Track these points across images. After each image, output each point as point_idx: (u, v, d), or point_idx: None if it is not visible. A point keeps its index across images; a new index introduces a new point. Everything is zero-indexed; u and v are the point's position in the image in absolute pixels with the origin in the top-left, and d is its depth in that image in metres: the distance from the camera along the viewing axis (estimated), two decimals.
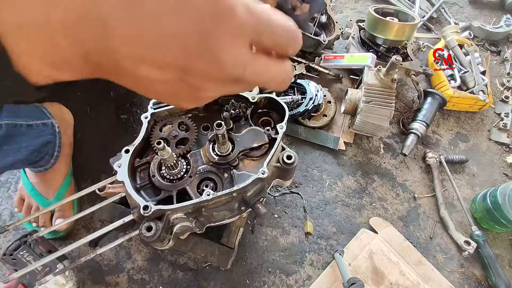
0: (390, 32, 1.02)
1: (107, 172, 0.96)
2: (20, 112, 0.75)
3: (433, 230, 0.93)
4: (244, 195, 0.61)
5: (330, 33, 1.16)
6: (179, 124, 0.70)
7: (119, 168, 0.60)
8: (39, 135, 0.78)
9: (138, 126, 1.03)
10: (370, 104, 0.91)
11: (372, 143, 1.07)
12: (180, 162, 0.64)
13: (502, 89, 1.20)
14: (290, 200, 0.95)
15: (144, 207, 0.55)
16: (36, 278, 0.65)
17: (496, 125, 1.13)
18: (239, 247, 0.85)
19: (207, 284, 0.83)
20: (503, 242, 0.94)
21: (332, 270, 0.84)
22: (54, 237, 0.85)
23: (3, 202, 0.93)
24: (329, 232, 0.91)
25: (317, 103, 0.99)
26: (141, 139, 0.65)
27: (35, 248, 0.65)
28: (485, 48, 1.31)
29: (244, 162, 0.66)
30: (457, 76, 1.12)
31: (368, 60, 0.98)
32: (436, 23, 1.38)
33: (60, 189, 0.86)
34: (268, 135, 0.67)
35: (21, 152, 0.72)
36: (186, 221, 0.61)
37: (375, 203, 0.96)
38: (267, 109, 0.75)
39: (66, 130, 0.90)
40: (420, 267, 0.86)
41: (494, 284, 0.84)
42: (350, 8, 1.42)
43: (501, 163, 1.07)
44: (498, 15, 1.42)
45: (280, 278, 0.85)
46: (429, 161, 1.01)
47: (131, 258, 0.86)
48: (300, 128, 1.04)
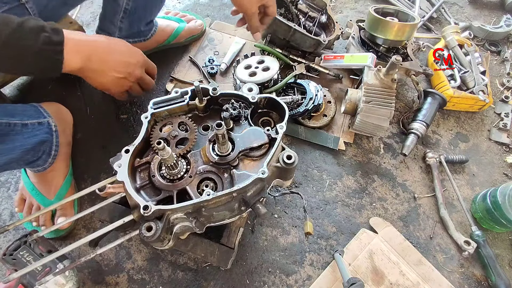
0: (390, 32, 1.02)
1: (107, 172, 0.96)
2: (15, 111, 0.74)
3: (433, 230, 0.93)
4: (244, 195, 0.61)
5: (330, 33, 1.16)
6: (179, 124, 0.70)
7: (119, 168, 0.60)
8: (35, 134, 0.77)
9: (138, 126, 1.04)
10: (370, 104, 0.91)
11: (372, 143, 1.07)
12: (180, 162, 0.64)
13: (502, 89, 1.20)
14: (290, 200, 0.95)
15: (144, 207, 0.55)
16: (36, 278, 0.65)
17: (496, 125, 1.13)
18: (239, 247, 0.85)
19: (207, 284, 0.83)
20: (503, 242, 0.94)
21: (332, 270, 0.84)
22: (54, 236, 0.85)
23: (3, 202, 0.93)
24: (329, 232, 0.91)
25: (317, 103, 0.99)
26: (141, 139, 0.65)
27: (35, 248, 0.65)
28: (485, 48, 1.31)
29: (244, 162, 0.66)
30: (457, 76, 1.12)
31: (368, 60, 0.98)
32: (436, 23, 1.38)
33: (61, 189, 0.86)
34: (268, 135, 0.67)
35: (15, 151, 0.72)
36: (186, 221, 0.61)
37: (375, 203, 0.96)
38: (267, 109, 0.75)
39: (65, 130, 0.90)
40: (420, 267, 0.86)
41: (494, 284, 0.84)
42: (350, 8, 1.42)
43: (501, 163, 1.07)
44: (498, 15, 1.41)
45: (280, 278, 0.85)
46: (429, 161, 1.01)
47: (131, 258, 0.86)
48: (300, 128, 1.04)
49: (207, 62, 1.14)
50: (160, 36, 1.10)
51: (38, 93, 1.08)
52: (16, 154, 0.72)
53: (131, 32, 1.01)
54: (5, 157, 0.70)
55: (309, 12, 1.19)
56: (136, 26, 1.00)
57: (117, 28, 0.97)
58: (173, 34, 1.12)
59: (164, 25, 1.11)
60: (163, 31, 1.10)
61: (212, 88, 0.71)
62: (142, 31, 1.04)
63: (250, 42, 1.21)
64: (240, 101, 0.73)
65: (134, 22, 0.98)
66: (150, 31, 1.06)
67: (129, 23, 0.97)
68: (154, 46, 1.12)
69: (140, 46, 1.08)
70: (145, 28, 1.04)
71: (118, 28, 0.97)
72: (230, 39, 1.22)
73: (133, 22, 0.98)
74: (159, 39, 1.11)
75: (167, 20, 1.14)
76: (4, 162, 0.70)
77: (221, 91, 0.71)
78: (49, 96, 1.07)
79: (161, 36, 1.10)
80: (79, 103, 1.07)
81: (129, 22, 0.97)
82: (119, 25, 0.96)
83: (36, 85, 1.10)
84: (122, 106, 1.08)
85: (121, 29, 0.97)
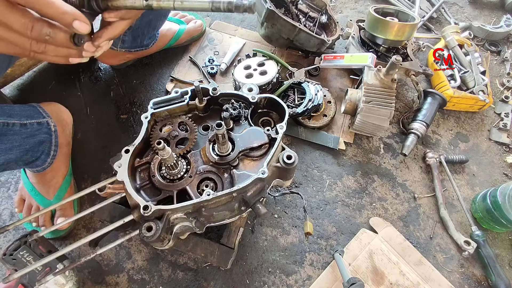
0: (390, 32, 1.02)
1: (107, 172, 0.96)
2: (13, 111, 0.74)
3: (433, 230, 0.93)
4: (244, 195, 0.61)
5: (331, 33, 1.16)
6: (179, 124, 0.70)
7: (119, 168, 0.60)
8: (33, 135, 0.77)
9: (138, 126, 1.04)
10: (370, 104, 0.91)
11: (372, 143, 1.07)
12: (180, 162, 0.64)
13: (502, 89, 1.20)
14: (290, 200, 0.95)
15: (144, 207, 0.55)
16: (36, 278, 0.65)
17: (496, 125, 1.13)
18: (239, 247, 0.85)
19: (207, 284, 0.83)
20: (503, 242, 0.94)
21: (332, 270, 0.84)
22: (54, 236, 0.85)
23: (3, 202, 0.93)
24: (329, 232, 0.91)
25: (317, 103, 0.99)
26: (141, 139, 0.65)
27: (35, 248, 0.65)
28: (485, 48, 1.31)
29: (244, 162, 0.66)
30: (457, 76, 1.12)
31: (368, 60, 0.98)
32: (436, 23, 1.38)
33: (60, 189, 0.86)
34: (268, 135, 0.67)
35: (14, 151, 0.72)
36: (186, 221, 0.61)
37: (375, 203, 0.96)
38: (267, 109, 0.75)
39: (64, 130, 0.90)
40: (420, 267, 0.86)
41: (494, 284, 0.84)
42: (350, 8, 1.42)
43: (501, 163, 1.07)
44: (498, 15, 1.41)
45: (280, 278, 0.85)
46: (429, 161, 1.01)
47: (131, 258, 0.86)
48: (300, 128, 1.04)
49: (207, 62, 1.14)
50: (161, 41, 1.10)
51: (38, 93, 1.08)
52: (15, 154, 0.72)
53: (134, 44, 1.01)
54: (3, 157, 0.69)
55: (309, 12, 1.19)
56: (139, 40, 1.01)
57: (120, 40, 0.97)
58: (174, 37, 1.13)
59: (165, 30, 1.11)
60: (164, 36, 1.10)
61: (212, 88, 0.71)
62: (145, 44, 1.05)
63: (250, 42, 1.21)
64: (240, 101, 0.73)
65: (137, 37, 0.99)
66: (153, 41, 1.07)
67: (133, 37, 0.98)
68: (155, 51, 1.13)
69: (141, 53, 1.09)
70: (148, 41, 1.04)
71: (121, 40, 0.97)
72: (230, 39, 1.22)
73: (137, 36, 0.98)
74: (161, 45, 1.11)
75: (167, 22, 1.14)
76: (2, 162, 0.70)
77: (221, 91, 0.71)
78: (49, 96, 1.07)
79: (162, 41, 1.11)
80: (79, 103, 1.07)
81: (132, 37, 0.97)
82: (122, 38, 0.97)
83: (36, 85, 1.10)
84: (122, 106, 1.08)
85: (124, 41, 0.98)
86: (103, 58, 1.06)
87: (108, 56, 1.04)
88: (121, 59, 1.08)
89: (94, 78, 1.13)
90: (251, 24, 1.29)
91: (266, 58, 1.06)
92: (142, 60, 1.16)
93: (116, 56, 1.03)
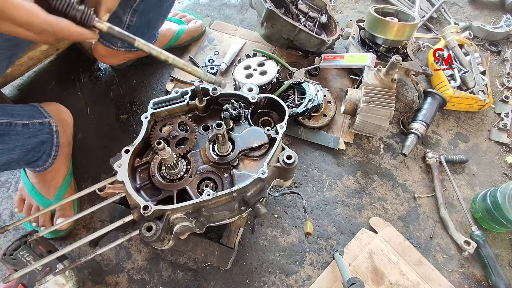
0: (390, 32, 1.02)
1: (107, 172, 0.96)
2: (15, 111, 0.74)
3: (433, 230, 0.93)
4: (244, 195, 0.61)
5: (331, 33, 1.16)
6: (179, 124, 0.70)
7: (119, 168, 0.60)
8: (35, 135, 0.78)
9: (138, 126, 1.04)
10: (370, 104, 0.91)
11: (372, 143, 1.07)
12: (180, 162, 0.64)
13: (502, 89, 1.20)
14: (290, 200, 0.95)
15: (144, 207, 0.55)
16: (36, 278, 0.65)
17: (496, 125, 1.13)
18: (239, 247, 0.85)
19: (207, 284, 0.83)
20: (503, 242, 0.94)
21: (332, 270, 0.84)
22: (54, 236, 0.85)
23: (3, 202, 0.93)
24: (329, 232, 0.91)
25: (317, 103, 0.99)
26: (141, 139, 0.65)
27: (35, 248, 0.65)
28: (485, 48, 1.31)
29: (244, 162, 0.66)
30: (457, 76, 1.12)
31: (368, 60, 0.98)
32: (436, 23, 1.38)
33: (60, 189, 0.86)
34: (268, 135, 0.67)
35: (16, 151, 0.72)
36: (186, 221, 0.61)
37: (375, 203, 0.96)
38: (267, 109, 0.75)
39: (65, 130, 0.90)
40: (420, 267, 0.86)
41: (494, 284, 0.84)
42: (350, 8, 1.42)
43: (501, 163, 1.07)
44: (498, 15, 1.41)
45: (280, 278, 0.85)
46: (429, 161, 1.01)
47: (131, 258, 0.86)
48: (300, 128, 1.04)
49: (207, 62, 1.14)
50: (161, 41, 1.10)
51: (38, 93, 1.09)
52: (17, 154, 0.72)
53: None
54: (5, 157, 0.70)
55: (309, 12, 1.19)
56: None
57: (119, 40, 0.96)
58: (174, 37, 1.12)
59: (164, 29, 1.10)
60: (164, 36, 1.10)
61: (212, 88, 0.71)
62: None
63: (250, 42, 1.21)
64: (240, 101, 0.73)
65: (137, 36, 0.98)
66: (152, 41, 1.06)
67: None
68: None
69: (141, 53, 1.08)
70: (147, 41, 1.03)
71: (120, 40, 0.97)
72: (230, 39, 1.22)
73: (136, 36, 0.97)
74: (160, 45, 1.11)
75: (167, 22, 1.14)
76: (4, 162, 0.70)
77: (221, 91, 0.71)
78: (49, 96, 1.07)
79: (162, 41, 1.10)
80: (79, 103, 1.07)
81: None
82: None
83: (36, 85, 1.10)
84: (122, 106, 1.08)
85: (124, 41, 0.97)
86: (103, 58, 1.06)
87: (108, 56, 1.03)
88: (121, 59, 1.07)
89: (94, 78, 1.13)
90: (251, 24, 1.30)
91: (266, 58, 1.06)
92: (142, 60, 1.16)
93: (116, 56, 1.03)
